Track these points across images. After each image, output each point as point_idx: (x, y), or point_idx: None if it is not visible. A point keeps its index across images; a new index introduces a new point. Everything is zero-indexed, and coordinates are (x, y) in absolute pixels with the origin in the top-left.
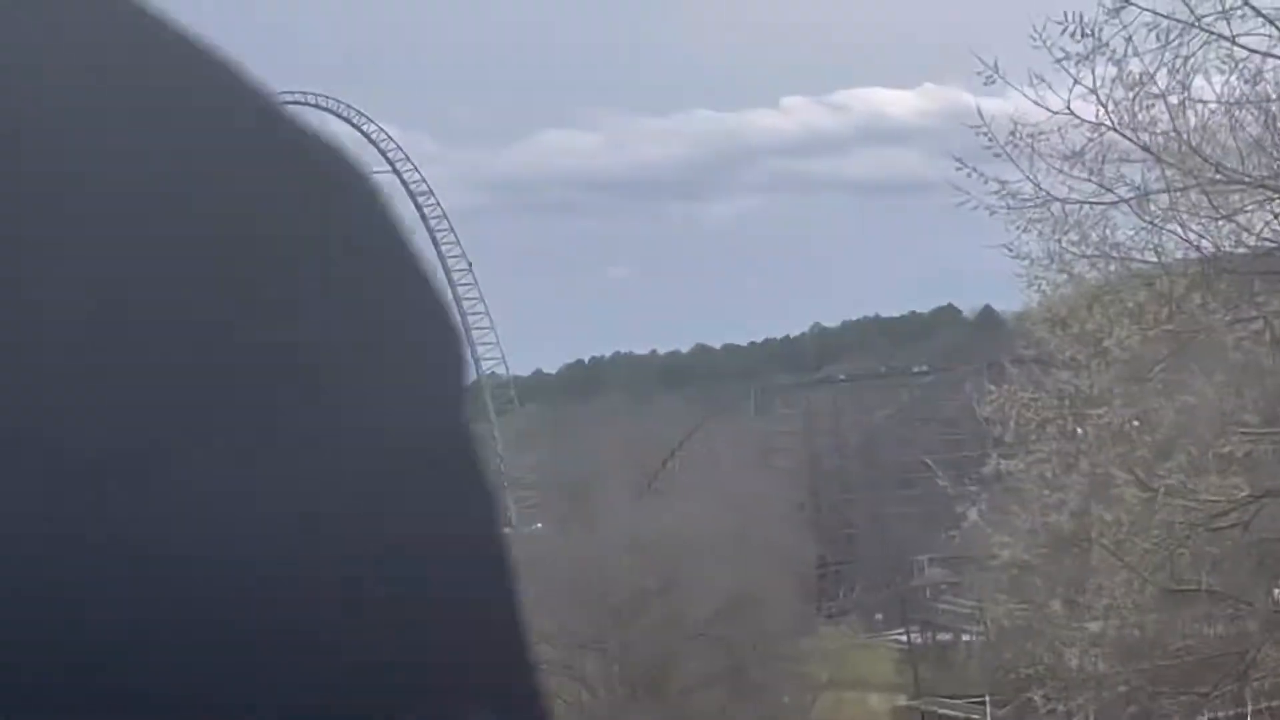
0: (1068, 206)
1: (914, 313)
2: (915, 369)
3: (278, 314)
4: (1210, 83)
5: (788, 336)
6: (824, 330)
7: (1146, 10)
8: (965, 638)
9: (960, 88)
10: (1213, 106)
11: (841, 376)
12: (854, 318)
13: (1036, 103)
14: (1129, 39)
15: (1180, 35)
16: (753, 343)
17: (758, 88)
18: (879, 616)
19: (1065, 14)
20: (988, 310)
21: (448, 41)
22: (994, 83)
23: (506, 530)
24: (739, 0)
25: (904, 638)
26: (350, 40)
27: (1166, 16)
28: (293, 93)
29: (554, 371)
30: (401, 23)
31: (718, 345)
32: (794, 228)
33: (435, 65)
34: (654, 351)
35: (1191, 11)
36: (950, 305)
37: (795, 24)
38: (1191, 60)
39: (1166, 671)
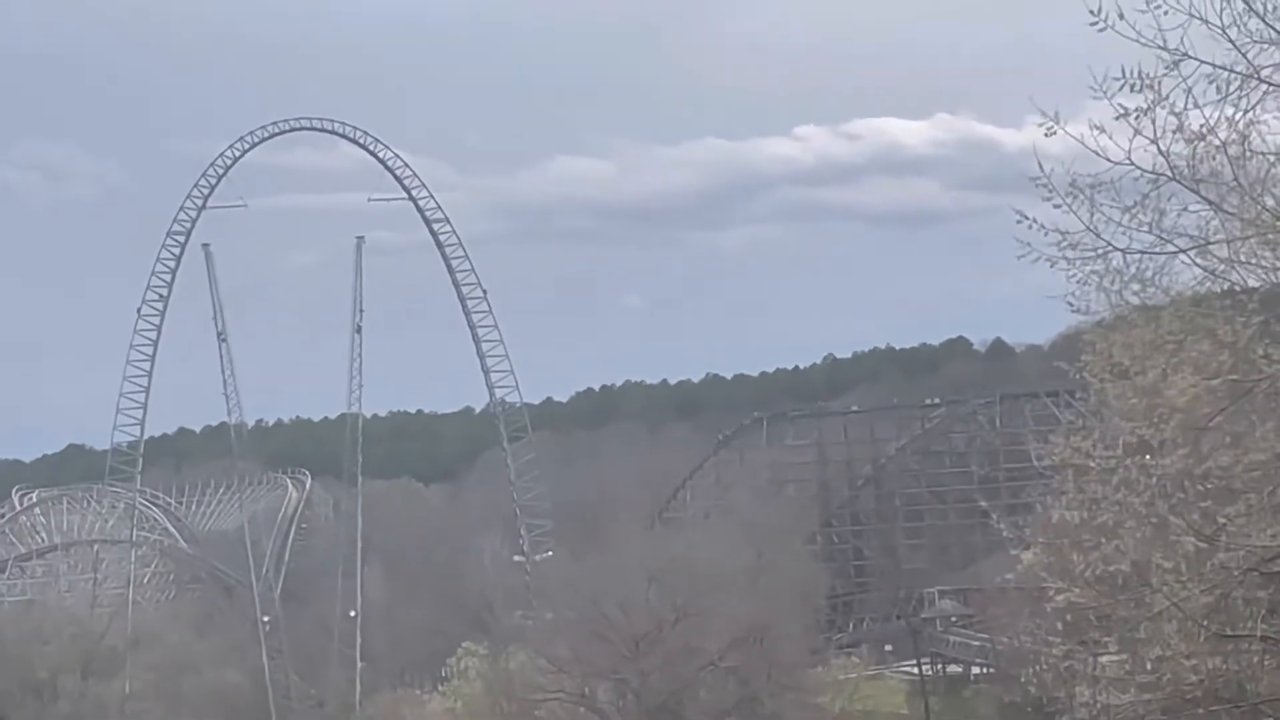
0: (1128, 256)
1: (925, 344)
2: (927, 401)
3: None
4: (1267, 134)
5: (799, 367)
6: (835, 361)
7: (1206, 63)
8: (975, 670)
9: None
10: (1272, 158)
11: (853, 407)
12: (865, 349)
13: (1097, 153)
14: (1189, 91)
15: (1240, 87)
16: (764, 372)
17: (771, 116)
18: (889, 648)
19: (1123, 69)
20: (999, 343)
21: (463, 69)
22: (1054, 134)
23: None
24: (752, 29)
25: (915, 669)
26: (367, 67)
27: (1226, 69)
28: (310, 118)
29: (566, 400)
30: (417, 50)
31: (729, 375)
32: (806, 257)
33: (451, 92)
34: (665, 380)
35: (1251, 64)
36: (961, 337)
37: (809, 53)
38: (1250, 113)
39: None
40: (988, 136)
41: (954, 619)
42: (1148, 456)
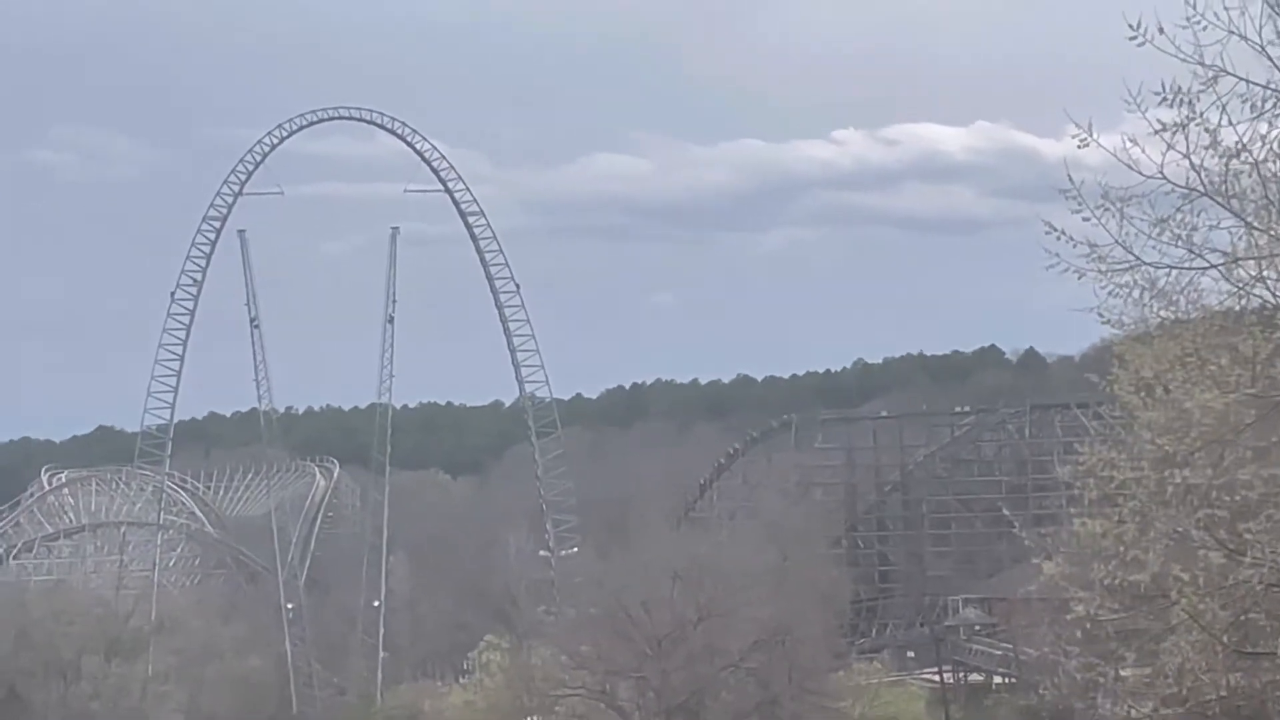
0: (1157, 270)
1: (957, 352)
2: (957, 408)
3: None
4: None
5: (830, 370)
6: (866, 365)
7: (1243, 80)
8: (997, 679)
9: (1012, 126)
10: None
11: (883, 413)
12: (897, 354)
13: (1130, 166)
14: (1223, 107)
15: (1276, 105)
16: (794, 375)
17: (809, 119)
18: (911, 654)
19: (1161, 83)
20: (1031, 353)
21: (502, 61)
22: (1087, 146)
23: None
24: (792, 30)
25: (936, 677)
26: (406, 57)
27: (1263, 86)
28: (346, 107)
29: (595, 396)
30: (456, 41)
31: (759, 376)
32: (840, 261)
33: (489, 85)
34: (695, 380)
35: None
36: (994, 346)
37: (848, 56)
38: None
39: None
40: (1027, 145)
41: (977, 627)
42: (1171, 470)
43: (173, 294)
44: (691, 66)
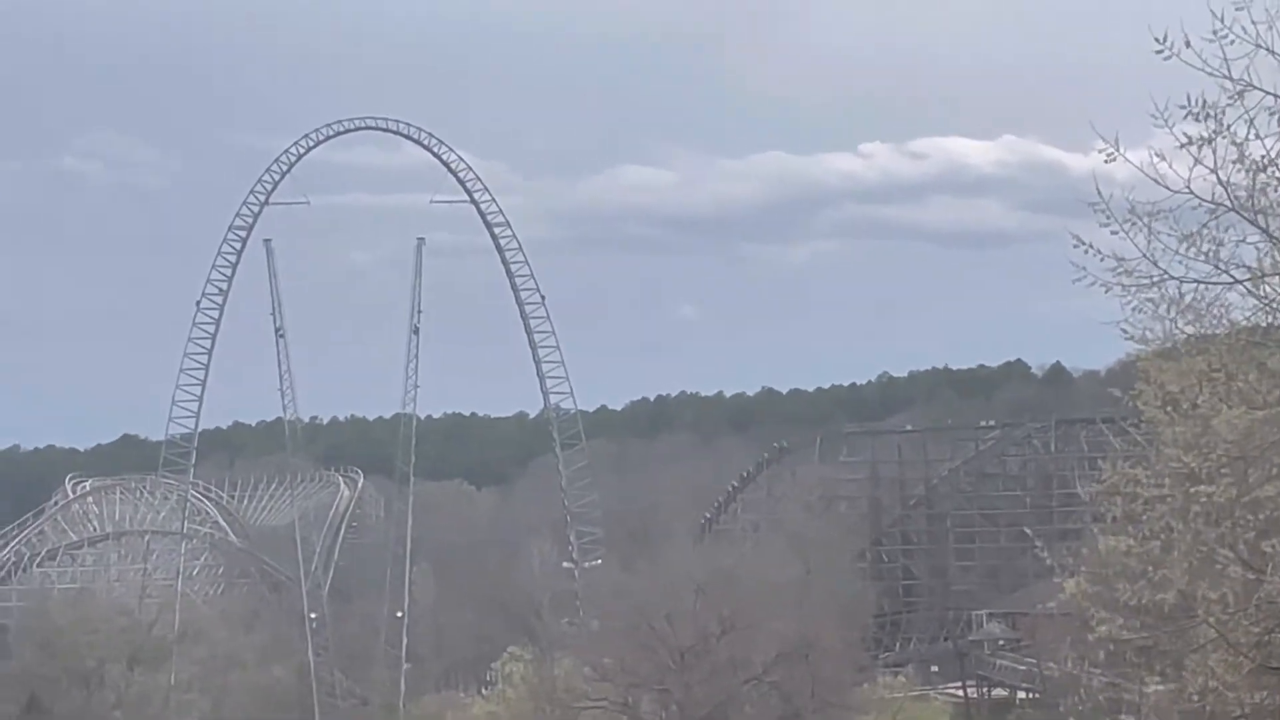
0: (1183, 285)
1: (983, 366)
2: (982, 423)
3: None
4: None
5: (855, 384)
6: (891, 379)
7: (1270, 94)
8: (1021, 694)
9: (1039, 140)
10: None
11: (907, 427)
12: (922, 368)
13: (1156, 181)
14: (1251, 122)
15: None
16: (819, 388)
17: (836, 132)
18: (935, 669)
19: (1188, 97)
20: (1057, 367)
21: (529, 73)
22: (1114, 160)
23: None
24: (819, 44)
25: (960, 691)
26: (433, 67)
27: None
28: (373, 118)
29: (620, 408)
30: (483, 52)
31: (784, 389)
32: (866, 274)
33: (516, 96)
34: (720, 392)
35: None
36: (1019, 360)
37: (875, 70)
38: None
39: None
40: (1054, 159)
41: (1001, 642)
42: (1195, 487)
43: (198, 303)
44: (718, 79)
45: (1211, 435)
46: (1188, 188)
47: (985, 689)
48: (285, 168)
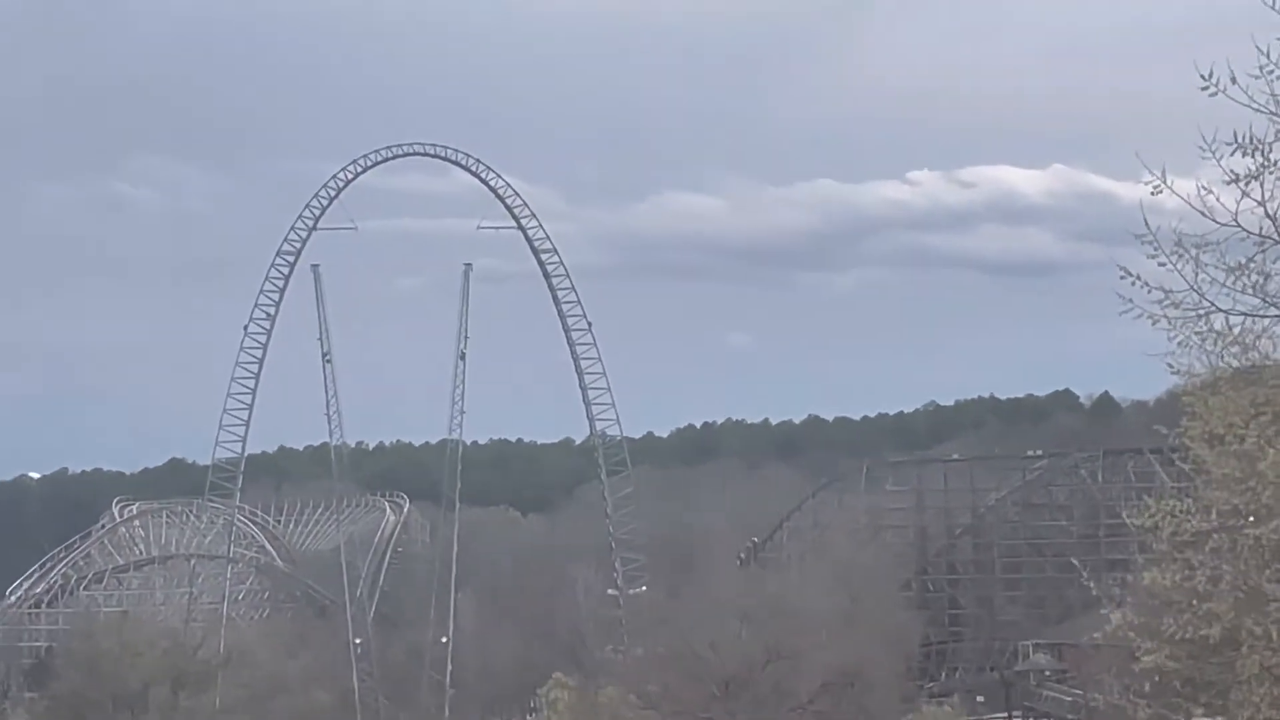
0: (1230, 319)
1: (1030, 395)
2: (1029, 452)
3: None
4: None
5: (901, 412)
6: (938, 408)
7: None
8: None
9: (1089, 169)
10: None
11: (954, 456)
12: (969, 397)
13: (1203, 213)
14: None
15: None
16: (866, 416)
17: (884, 160)
18: (981, 699)
19: (1235, 133)
20: (1105, 397)
21: (579, 100)
22: (1160, 193)
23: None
24: (866, 72)
25: None
26: (482, 92)
27: None
28: (421, 144)
29: (666, 435)
30: (534, 78)
31: (830, 417)
32: (914, 302)
33: (565, 122)
34: (766, 420)
35: None
36: (1068, 390)
37: (924, 97)
38: None
39: None
40: (1104, 189)
41: (1048, 673)
42: (1242, 524)
43: (246, 327)
44: (767, 106)
45: (1260, 476)
46: (1235, 220)
47: None
48: (333, 193)
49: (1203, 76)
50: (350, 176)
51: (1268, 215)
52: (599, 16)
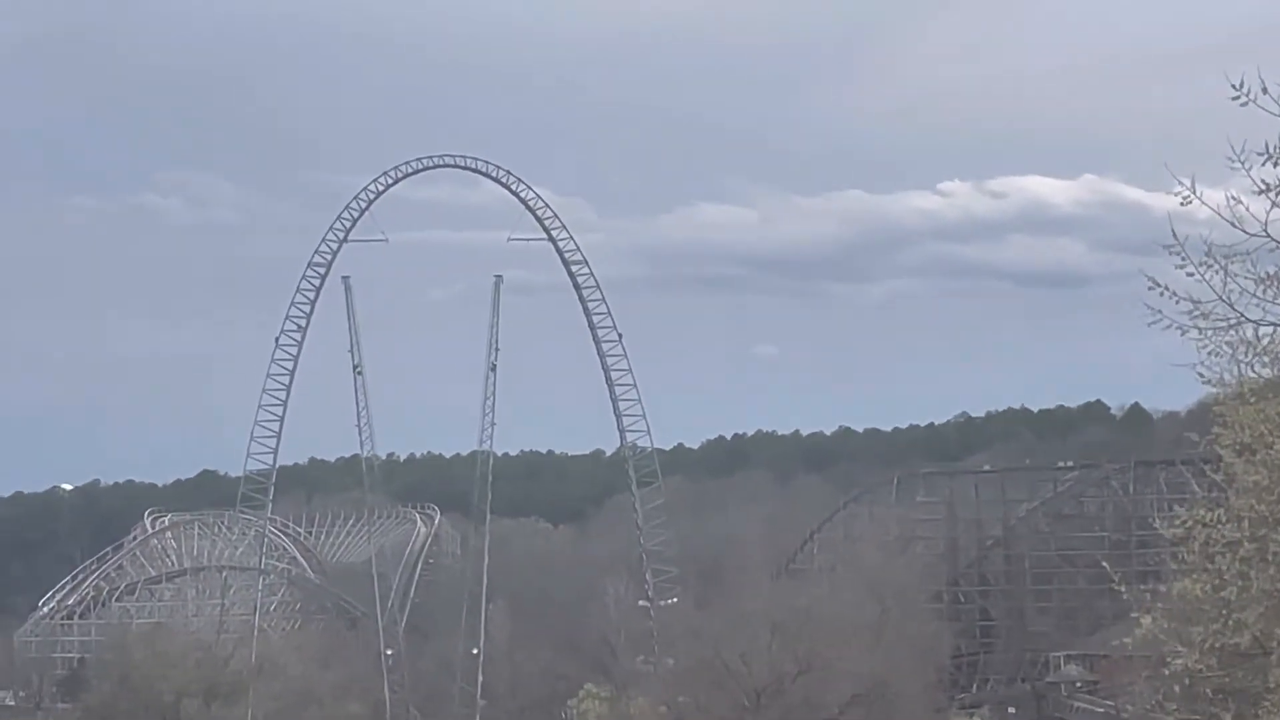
0: (1260, 329)
1: (1061, 406)
2: (1060, 463)
3: None
4: None
5: (932, 424)
6: (969, 419)
7: None
8: None
9: (1120, 180)
10: None
11: (985, 467)
12: (1000, 408)
13: (1233, 224)
14: None
15: None
16: (896, 428)
17: (915, 170)
18: (1012, 710)
19: (1265, 144)
20: (1136, 408)
21: (609, 111)
22: (1190, 203)
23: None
24: (897, 82)
25: None
26: (513, 104)
27: None
28: (452, 155)
29: (696, 446)
30: (565, 90)
31: (861, 428)
32: (945, 314)
33: (596, 134)
34: (797, 431)
35: None
36: (1099, 401)
37: (954, 108)
38: None
39: None
40: (1135, 199)
41: (1079, 684)
42: (1271, 532)
43: (277, 339)
44: (797, 117)
45: None
46: (1264, 230)
47: None
48: (364, 205)
49: (1234, 86)
50: (381, 188)
51: None
52: (628, 29)
